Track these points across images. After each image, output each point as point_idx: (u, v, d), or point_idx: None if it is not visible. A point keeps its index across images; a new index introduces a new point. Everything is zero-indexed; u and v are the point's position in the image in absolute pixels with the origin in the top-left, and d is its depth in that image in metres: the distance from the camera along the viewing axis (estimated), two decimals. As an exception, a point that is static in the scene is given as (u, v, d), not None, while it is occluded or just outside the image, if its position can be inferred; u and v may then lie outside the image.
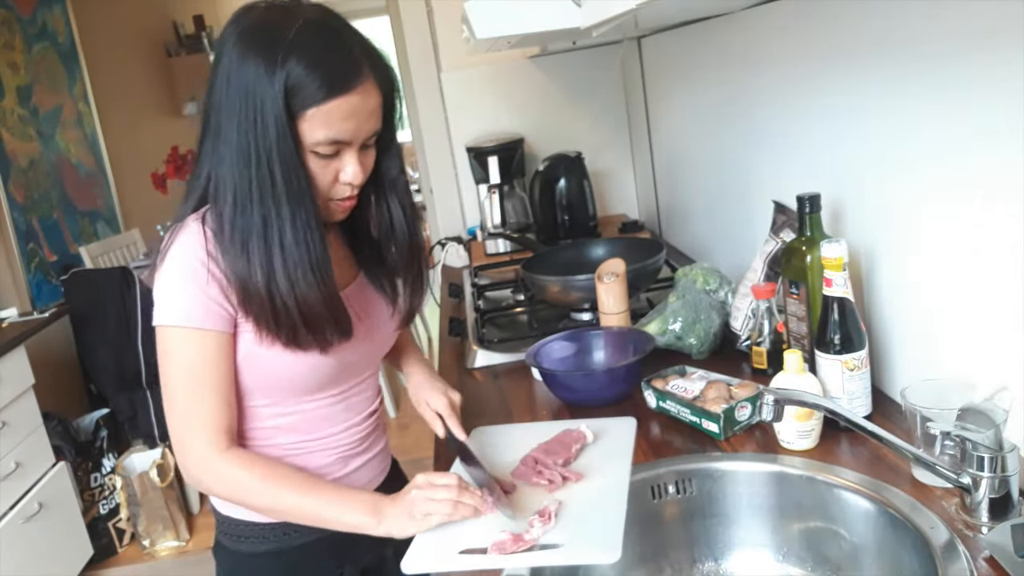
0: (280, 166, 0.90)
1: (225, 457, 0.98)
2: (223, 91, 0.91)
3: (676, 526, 1.10)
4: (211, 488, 1.01)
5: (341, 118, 0.91)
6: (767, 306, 1.32)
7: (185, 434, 0.98)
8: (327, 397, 1.08)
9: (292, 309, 0.93)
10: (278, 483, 0.98)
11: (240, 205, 0.92)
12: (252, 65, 0.89)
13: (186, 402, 0.97)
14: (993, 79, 0.87)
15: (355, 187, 0.98)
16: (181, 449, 0.98)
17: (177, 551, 2.96)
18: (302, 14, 0.92)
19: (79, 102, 4.17)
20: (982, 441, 0.84)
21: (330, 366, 1.03)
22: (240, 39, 0.91)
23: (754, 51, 1.51)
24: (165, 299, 0.96)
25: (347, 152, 0.95)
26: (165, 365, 0.97)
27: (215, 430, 0.97)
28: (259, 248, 0.92)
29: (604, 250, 1.86)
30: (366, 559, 1.14)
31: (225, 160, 0.92)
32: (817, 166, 1.33)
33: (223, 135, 0.91)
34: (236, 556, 1.11)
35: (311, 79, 0.89)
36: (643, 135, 2.51)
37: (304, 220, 0.92)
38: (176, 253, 0.95)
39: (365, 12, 8.19)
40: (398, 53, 2.99)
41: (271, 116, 0.89)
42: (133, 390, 3.18)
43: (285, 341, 0.96)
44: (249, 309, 0.94)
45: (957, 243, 0.99)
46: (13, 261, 3.31)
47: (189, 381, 0.96)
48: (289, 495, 0.98)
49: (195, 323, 0.94)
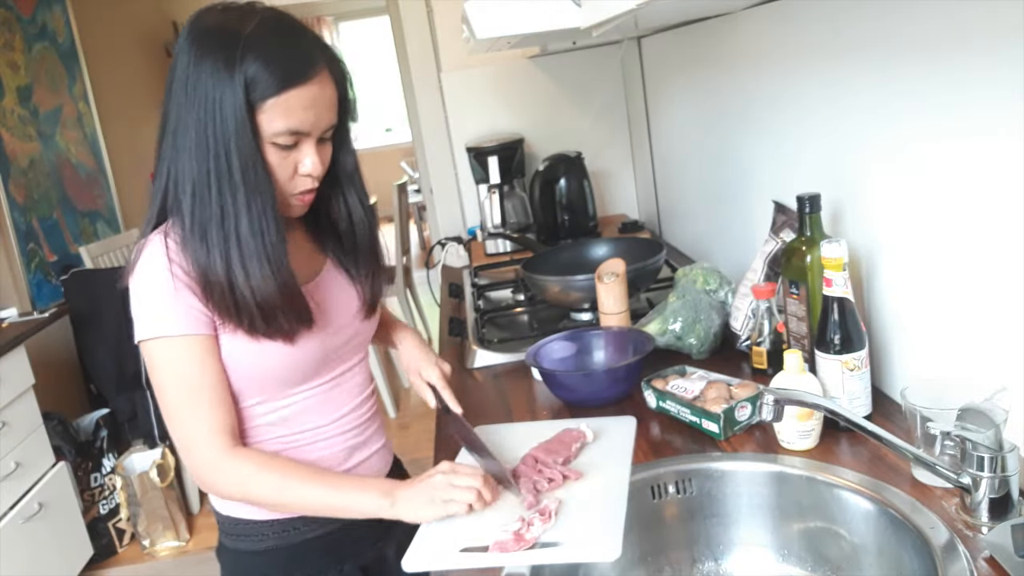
0: (238, 157, 0.92)
1: (232, 457, 0.98)
2: (181, 90, 0.93)
3: (676, 526, 1.10)
4: (223, 491, 1.02)
5: (300, 108, 0.94)
6: (767, 306, 1.32)
7: (189, 441, 0.98)
8: (315, 387, 1.08)
9: (249, 298, 0.95)
10: (288, 476, 0.98)
11: (199, 196, 0.94)
12: (210, 62, 0.91)
13: (185, 409, 0.97)
14: (993, 79, 0.87)
15: (315, 179, 1.00)
16: (188, 457, 0.99)
17: (177, 551, 2.96)
18: (257, 14, 0.95)
19: (79, 102, 4.17)
20: (982, 441, 0.85)
21: (305, 355, 1.04)
22: (198, 39, 0.93)
23: (754, 51, 1.51)
24: (142, 314, 0.97)
25: (305, 143, 0.97)
26: (157, 378, 0.98)
27: (219, 432, 0.98)
28: (218, 238, 0.94)
29: (604, 250, 1.86)
30: (367, 557, 1.14)
31: (183, 154, 0.94)
32: (817, 166, 1.33)
33: (182, 131, 0.94)
34: (237, 555, 1.11)
35: (269, 71, 0.91)
36: (643, 135, 2.51)
37: (259, 210, 0.94)
38: (143, 269, 0.96)
39: (365, 12, 8.19)
40: (398, 53, 2.99)
41: (229, 108, 0.91)
42: (133, 390, 3.18)
43: (247, 329, 0.98)
44: (211, 298, 0.96)
45: (957, 243, 0.99)
46: (13, 261, 3.30)
47: (184, 388, 0.97)
48: (300, 487, 0.98)
49: (177, 331, 0.95)
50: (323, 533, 1.09)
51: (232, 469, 0.98)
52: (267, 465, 0.99)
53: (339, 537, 1.10)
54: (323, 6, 8.05)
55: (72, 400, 3.31)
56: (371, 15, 8.18)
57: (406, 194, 4.59)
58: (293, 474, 0.99)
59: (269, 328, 0.98)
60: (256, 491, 1.00)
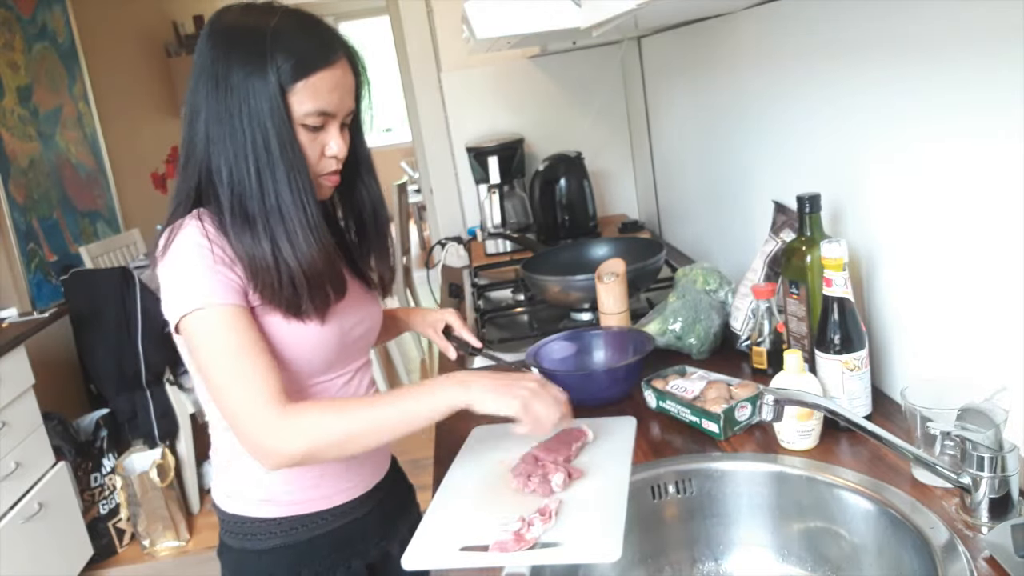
0: (275, 137, 0.97)
1: (289, 412, 0.93)
2: (211, 84, 0.97)
3: (676, 526, 1.10)
4: (291, 446, 0.93)
5: (327, 90, 0.99)
6: (767, 306, 1.32)
7: (244, 407, 0.94)
8: (331, 379, 1.09)
9: (296, 271, 0.98)
10: (354, 408, 0.96)
11: (237, 179, 0.97)
12: (240, 55, 0.96)
13: (236, 376, 0.94)
14: (993, 79, 0.87)
15: (339, 161, 1.04)
16: (245, 423, 0.94)
17: (177, 551, 2.96)
18: (277, 10, 1.00)
19: (79, 102, 4.17)
20: (982, 441, 0.85)
21: (331, 337, 1.05)
22: (224, 35, 0.98)
23: (754, 51, 1.51)
24: (181, 288, 0.96)
25: (331, 125, 1.02)
26: (202, 350, 0.95)
27: (274, 393, 0.94)
28: (261, 215, 0.98)
29: (604, 250, 1.86)
30: (372, 554, 1.15)
31: (218, 144, 0.97)
32: (817, 166, 1.33)
33: (214, 122, 0.97)
34: (241, 554, 1.11)
35: (296, 57, 0.96)
36: (643, 135, 2.51)
37: (299, 184, 0.98)
38: (179, 245, 0.97)
39: (365, 12, 8.19)
40: (398, 53, 2.99)
41: (263, 95, 0.95)
42: (133, 390, 3.18)
43: (286, 307, 1.00)
44: (256, 280, 0.98)
45: (957, 243, 0.99)
46: (13, 261, 3.30)
47: (231, 357, 0.94)
48: (372, 409, 0.95)
49: (219, 299, 0.95)
50: (330, 531, 1.10)
51: (296, 420, 0.93)
52: (327, 408, 0.96)
53: (345, 535, 1.11)
54: (323, 6, 8.02)
55: (72, 400, 3.30)
56: (371, 15, 8.17)
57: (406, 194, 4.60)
58: (358, 405, 0.97)
59: (312, 302, 1.00)
60: (325, 435, 0.94)
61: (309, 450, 0.94)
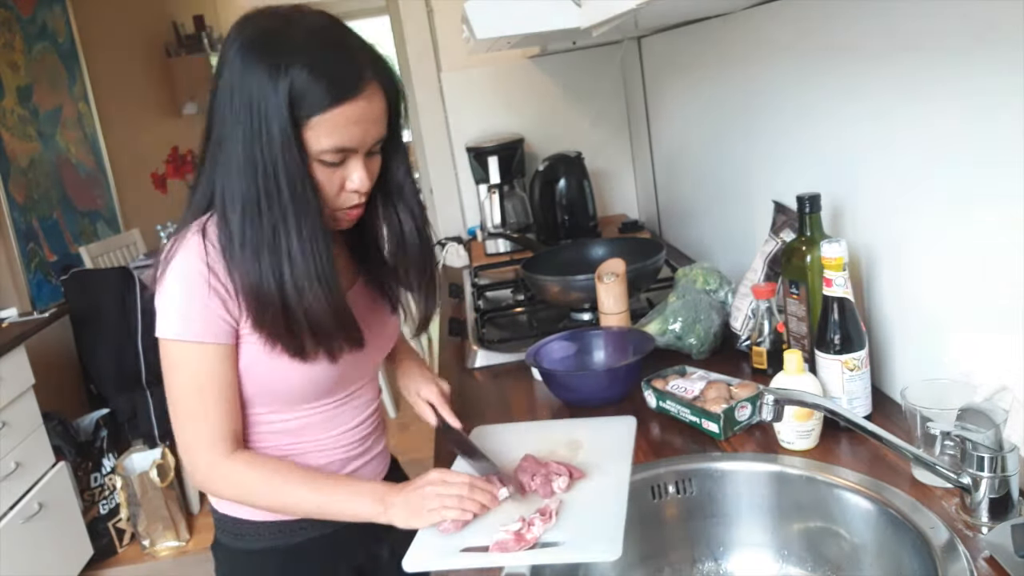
0: (285, 176, 0.89)
1: (231, 460, 0.99)
2: (227, 100, 0.90)
3: (676, 526, 1.10)
4: (219, 492, 1.03)
5: (347, 125, 0.90)
6: (767, 306, 1.32)
7: (191, 442, 0.99)
8: (328, 404, 1.08)
9: (301, 319, 0.94)
10: (284, 481, 1.00)
11: (249, 216, 0.91)
12: (255, 74, 0.88)
13: (192, 412, 0.98)
14: (993, 80, 0.87)
15: (362, 195, 0.97)
16: (188, 456, 1.00)
17: (177, 551, 2.96)
18: (305, 21, 0.92)
19: (79, 102, 4.17)
20: (982, 441, 0.84)
21: (335, 374, 1.04)
22: (243, 47, 0.90)
23: (754, 51, 1.51)
24: (167, 312, 0.95)
25: (353, 159, 0.94)
26: (169, 376, 0.98)
27: (221, 437, 0.98)
28: (271, 258, 0.92)
29: (604, 250, 1.86)
30: (362, 558, 1.14)
31: (231, 170, 0.91)
32: (817, 166, 1.33)
33: (228, 145, 0.91)
34: (234, 553, 1.11)
35: (315, 86, 0.88)
36: (643, 135, 2.51)
37: (310, 231, 0.92)
38: (177, 267, 0.94)
39: (365, 12, 8.18)
40: (398, 53, 2.98)
41: (276, 126, 0.88)
42: (133, 390, 3.18)
43: (293, 351, 0.96)
44: (262, 318, 0.94)
45: (957, 243, 0.99)
46: (13, 261, 3.31)
47: (194, 392, 0.97)
48: (296, 491, 0.99)
49: (197, 336, 0.94)
50: (320, 534, 1.09)
51: (229, 473, 0.99)
52: (263, 469, 1.00)
53: (336, 539, 1.10)
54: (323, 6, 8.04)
55: (72, 400, 3.31)
56: (371, 15, 8.17)
57: (406, 194, 4.59)
58: (288, 479, 1.00)
59: (320, 348, 0.97)
60: (252, 495, 1.02)
61: (238, 499, 1.04)
